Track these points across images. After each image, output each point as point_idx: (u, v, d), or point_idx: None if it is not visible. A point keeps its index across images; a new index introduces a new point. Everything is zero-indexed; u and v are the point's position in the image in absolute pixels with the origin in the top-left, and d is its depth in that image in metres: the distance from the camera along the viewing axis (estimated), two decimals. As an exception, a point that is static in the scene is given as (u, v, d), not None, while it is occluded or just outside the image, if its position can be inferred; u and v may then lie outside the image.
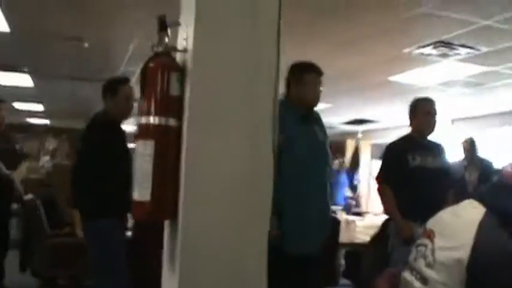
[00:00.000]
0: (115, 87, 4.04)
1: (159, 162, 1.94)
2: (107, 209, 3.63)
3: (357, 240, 5.15)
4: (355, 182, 12.03)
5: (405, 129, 4.76)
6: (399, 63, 6.97)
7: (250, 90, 2.02)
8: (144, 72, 1.99)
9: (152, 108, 1.96)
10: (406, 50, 6.26)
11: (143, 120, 1.97)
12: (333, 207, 8.73)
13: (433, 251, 2.28)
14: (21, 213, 6.00)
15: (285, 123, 3.48)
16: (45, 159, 13.35)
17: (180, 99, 1.99)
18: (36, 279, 5.56)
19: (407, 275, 2.43)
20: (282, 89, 3.71)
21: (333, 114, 11.87)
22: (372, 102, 10.19)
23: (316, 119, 3.84)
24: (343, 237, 5.19)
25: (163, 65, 1.98)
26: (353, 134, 13.95)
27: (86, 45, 6.78)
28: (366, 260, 4.65)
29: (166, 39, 2.03)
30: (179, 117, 1.98)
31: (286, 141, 3.46)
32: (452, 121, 11.68)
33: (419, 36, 5.69)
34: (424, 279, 2.27)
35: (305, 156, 3.59)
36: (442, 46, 6.01)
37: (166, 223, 2.17)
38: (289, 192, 3.45)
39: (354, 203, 8.91)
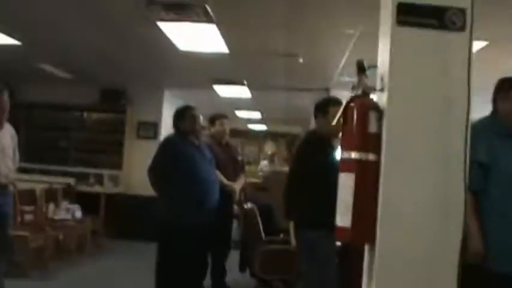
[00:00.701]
0: (326, 107, 4.27)
1: (358, 193, 2.16)
2: (318, 220, 3.82)
3: None
4: None
5: None
6: None
7: (442, 123, 2.17)
8: (345, 111, 2.22)
9: (353, 145, 2.18)
10: None
11: (345, 155, 2.21)
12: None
13: None
14: (241, 218, 6.48)
15: (491, 141, 3.53)
16: (263, 164, 14.08)
17: (378, 135, 2.19)
18: (254, 279, 6.02)
19: None
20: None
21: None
22: None
23: None
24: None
25: (362, 106, 2.20)
26: None
27: (301, 60, 7.18)
28: None
29: (365, 80, 2.24)
30: (377, 152, 2.18)
31: (491, 160, 3.49)
32: None
33: None
34: None
35: (511, 172, 3.53)
36: None
37: (366, 247, 2.37)
38: (496, 210, 3.45)
39: None
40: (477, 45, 5.63)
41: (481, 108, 3.73)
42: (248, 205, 5.61)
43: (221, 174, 5.94)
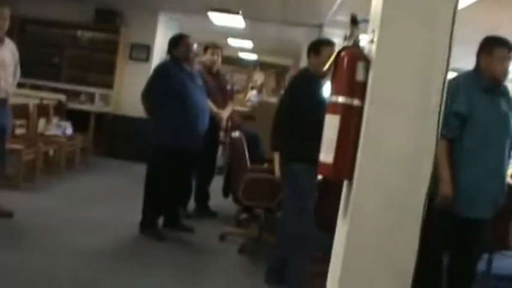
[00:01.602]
0: (319, 48, 4.42)
1: (342, 133, 2.40)
2: (303, 154, 3.95)
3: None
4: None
5: None
6: None
7: (422, 78, 2.39)
8: (336, 59, 2.43)
9: (341, 90, 2.41)
10: None
11: (333, 98, 2.44)
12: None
13: None
14: (227, 145, 6.70)
15: (471, 93, 3.76)
16: (252, 93, 14.17)
17: (364, 83, 2.41)
18: (236, 205, 6.27)
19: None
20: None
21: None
22: None
23: (503, 92, 3.96)
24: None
25: (351, 55, 2.41)
26: None
27: (296, -7, 7.30)
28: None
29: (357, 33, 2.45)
30: (362, 99, 2.41)
31: (470, 111, 3.73)
32: None
33: None
34: None
35: (486, 125, 3.74)
36: None
37: (345, 182, 2.62)
38: (468, 158, 3.73)
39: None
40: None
41: (471, 59, 3.97)
42: (235, 133, 5.80)
43: (210, 101, 6.15)
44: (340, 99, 2.40)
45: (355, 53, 2.42)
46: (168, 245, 5.42)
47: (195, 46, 5.67)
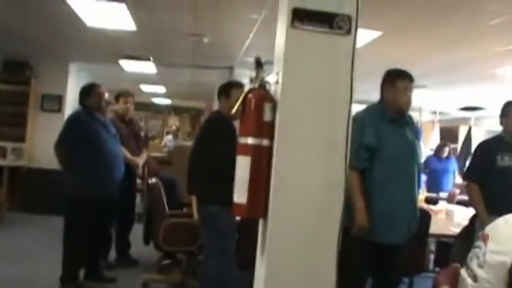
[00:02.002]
0: (229, 90, 4.54)
1: (254, 173, 2.47)
2: (219, 195, 3.97)
3: (449, 232, 5.38)
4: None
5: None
6: (505, 58, 7.07)
7: (327, 114, 2.51)
8: (244, 101, 2.52)
9: (250, 131, 2.48)
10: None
11: (243, 140, 2.51)
12: (441, 194, 8.93)
13: (484, 254, 2.65)
14: (145, 192, 6.67)
15: (377, 125, 3.93)
16: (168, 138, 14.17)
17: (272, 123, 2.50)
18: (158, 252, 6.24)
19: (463, 272, 2.80)
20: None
21: (443, 101, 12.03)
22: (482, 92, 10.23)
23: (408, 121, 4.16)
24: (436, 227, 5.46)
25: (258, 97, 2.50)
26: (466, 120, 13.86)
27: (206, 40, 7.42)
28: (453, 251, 4.92)
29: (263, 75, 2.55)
30: (271, 138, 2.49)
31: (378, 141, 3.89)
32: None
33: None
34: (475, 277, 2.64)
35: (395, 154, 3.92)
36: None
37: (260, 221, 2.68)
38: (379, 187, 3.88)
39: (458, 191, 8.94)
40: (372, 34, 6.07)
41: (376, 91, 4.16)
42: (152, 180, 5.79)
43: (125, 149, 6.14)
44: (250, 140, 2.48)
45: (261, 95, 2.51)
46: (91, 297, 5.28)
47: (106, 95, 5.65)
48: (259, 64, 2.55)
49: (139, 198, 7.93)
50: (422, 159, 11.18)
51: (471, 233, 4.55)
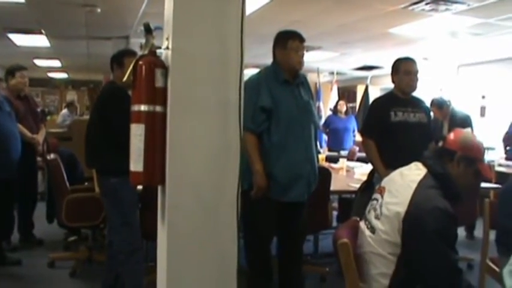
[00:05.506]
0: (121, 59, 4.42)
1: (148, 141, 2.44)
2: (118, 166, 3.98)
3: (350, 188, 5.54)
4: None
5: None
6: (397, 17, 7.30)
7: (219, 78, 2.50)
8: (134, 68, 2.46)
9: (142, 98, 2.44)
10: (401, 6, 6.62)
11: (135, 107, 2.46)
12: (342, 153, 9.17)
13: (381, 205, 2.76)
14: (46, 170, 6.47)
15: (272, 87, 3.98)
16: (66, 113, 13.75)
17: (164, 89, 2.46)
18: (62, 229, 6.13)
19: (362, 224, 2.91)
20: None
21: (340, 62, 12.30)
22: (377, 51, 10.54)
23: (302, 81, 4.23)
24: (337, 184, 5.63)
25: (149, 63, 2.45)
26: (363, 80, 14.24)
27: (99, 10, 7.23)
28: (354, 206, 5.07)
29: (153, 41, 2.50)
30: (164, 104, 2.46)
31: (273, 102, 3.94)
32: (458, 67, 12.00)
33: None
34: (372, 229, 2.75)
35: (291, 114, 4.00)
36: (433, 2, 6.39)
37: (159, 188, 2.66)
38: (277, 148, 3.96)
39: (357, 148, 9.17)
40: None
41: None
42: (51, 156, 5.61)
43: (22, 126, 5.92)
44: (142, 107, 2.43)
45: (151, 61, 2.46)
46: (-4, 282, 5.11)
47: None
48: (148, 30, 2.49)
49: (40, 176, 7.68)
50: (323, 119, 11.54)
51: (370, 188, 4.69)
